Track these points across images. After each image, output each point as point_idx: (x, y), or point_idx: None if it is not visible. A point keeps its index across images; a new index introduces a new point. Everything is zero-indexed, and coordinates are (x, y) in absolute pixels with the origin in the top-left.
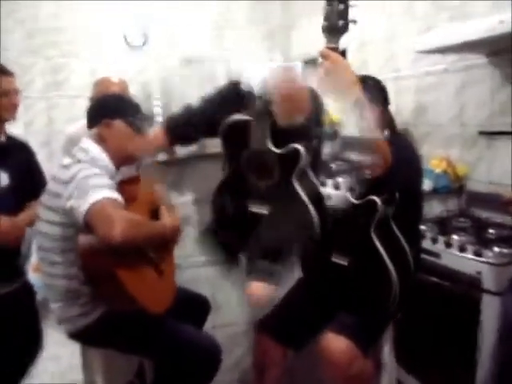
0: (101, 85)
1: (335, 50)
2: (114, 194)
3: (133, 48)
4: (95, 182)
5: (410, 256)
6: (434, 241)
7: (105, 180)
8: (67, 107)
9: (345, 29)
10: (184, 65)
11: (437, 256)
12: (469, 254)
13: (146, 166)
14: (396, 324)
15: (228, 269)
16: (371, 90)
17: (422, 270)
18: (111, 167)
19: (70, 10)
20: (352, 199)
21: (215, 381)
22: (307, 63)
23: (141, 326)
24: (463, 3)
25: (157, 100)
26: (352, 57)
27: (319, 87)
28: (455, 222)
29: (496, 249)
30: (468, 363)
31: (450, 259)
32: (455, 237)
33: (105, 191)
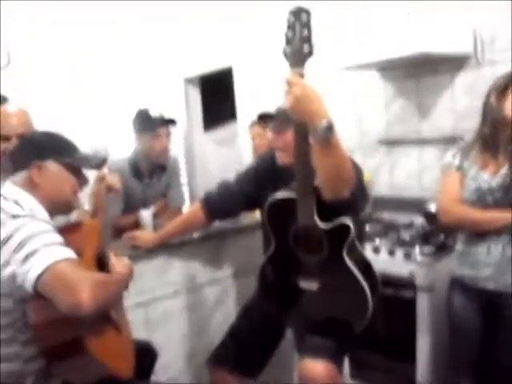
0: None
1: (301, 76)
2: (69, 252)
3: None
4: (44, 240)
5: (375, 271)
6: None
7: (54, 236)
8: None
9: (310, 54)
10: None
11: None
12: (399, 257)
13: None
14: None
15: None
16: None
17: None
18: (48, 218)
19: None
20: (322, 225)
21: None
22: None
23: None
24: None
25: None
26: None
27: (291, 114)
28: (367, 227)
29: (424, 249)
30: (408, 360)
31: (380, 264)
32: (381, 242)
33: (58, 250)
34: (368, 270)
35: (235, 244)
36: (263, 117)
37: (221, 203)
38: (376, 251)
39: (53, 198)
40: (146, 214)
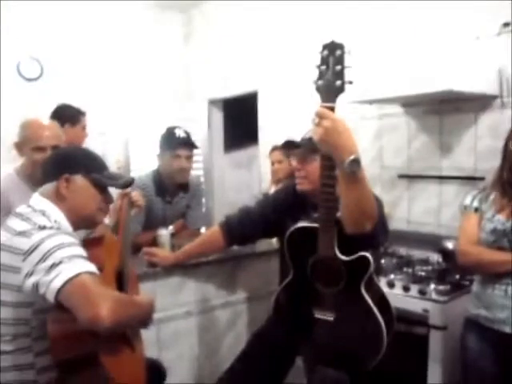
0: (30, 128)
1: (332, 110)
2: (92, 267)
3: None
4: (68, 253)
5: (391, 306)
6: None
7: (78, 249)
8: None
9: (342, 89)
10: None
11: None
12: (413, 293)
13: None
14: None
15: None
16: None
17: None
18: (71, 231)
19: None
20: (342, 257)
21: None
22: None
23: None
24: None
25: None
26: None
27: (319, 146)
28: (383, 261)
29: (440, 287)
30: None
31: (394, 299)
32: (396, 276)
33: (81, 264)
34: (384, 305)
35: (250, 269)
36: (287, 144)
37: (241, 229)
38: (390, 286)
39: (77, 212)
40: (165, 233)
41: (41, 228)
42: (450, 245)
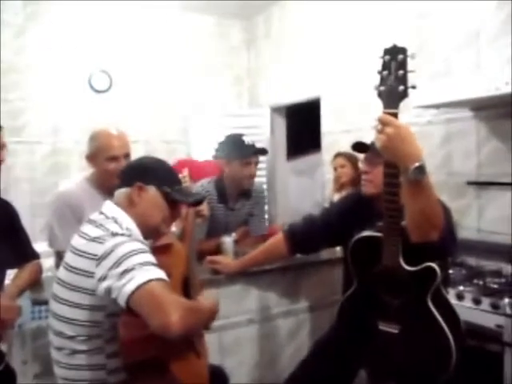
0: (101, 138)
1: (395, 116)
2: (162, 274)
3: (97, 92)
4: (140, 259)
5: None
6: None
7: (149, 256)
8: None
9: (405, 94)
10: None
11: None
12: (484, 307)
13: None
14: None
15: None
16: None
17: None
18: (142, 238)
19: (32, 51)
20: (407, 267)
21: None
22: (275, 110)
23: None
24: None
25: None
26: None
27: (383, 153)
28: (451, 272)
29: None
30: None
31: (464, 312)
32: (466, 288)
33: (152, 271)
34: (453, 318)
35: (313, 277)
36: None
37: (305, 238)
38: (459, 298)
39: (144, 221)
40: (228, 241)
41: (113, 235)
42: None
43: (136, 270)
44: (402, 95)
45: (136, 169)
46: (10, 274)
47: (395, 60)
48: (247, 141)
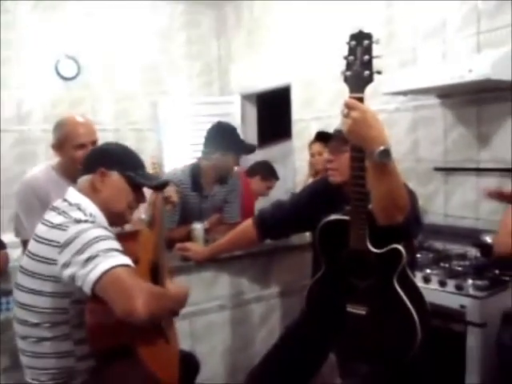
0: (67, 125)
1: (361, 100)
2: (127, 260)
3: (65, 80)
4: (104, 246)
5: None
6: None
7: (114, 243)
8: None
9: (370, 79)
10: None
11: None
12: (449, 288)
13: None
14: None
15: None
16: None
17: None
18: (107, 225)
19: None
20: (374, 249)
21: None
22: (245, 98)
23: None
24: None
25: None
26: (297, 95)
27: (349, 137)
28: (419, 256)
29: (478, 282)
30: None
31: (430, 294)
32: (432, 271)
33: (117, 257)
34: (418, 299)
35: (283, 263)
36: (320, 135)
37: (274, 223)
38: (426, 281)
39: (108, 207)
40: (198, 228)
41: (77, 221)
42: (489, 239)
43: (100, 257)
44: (368, 80)
45: (98, 154)
46: None
47: (361, 45)
48: (237, 134)
